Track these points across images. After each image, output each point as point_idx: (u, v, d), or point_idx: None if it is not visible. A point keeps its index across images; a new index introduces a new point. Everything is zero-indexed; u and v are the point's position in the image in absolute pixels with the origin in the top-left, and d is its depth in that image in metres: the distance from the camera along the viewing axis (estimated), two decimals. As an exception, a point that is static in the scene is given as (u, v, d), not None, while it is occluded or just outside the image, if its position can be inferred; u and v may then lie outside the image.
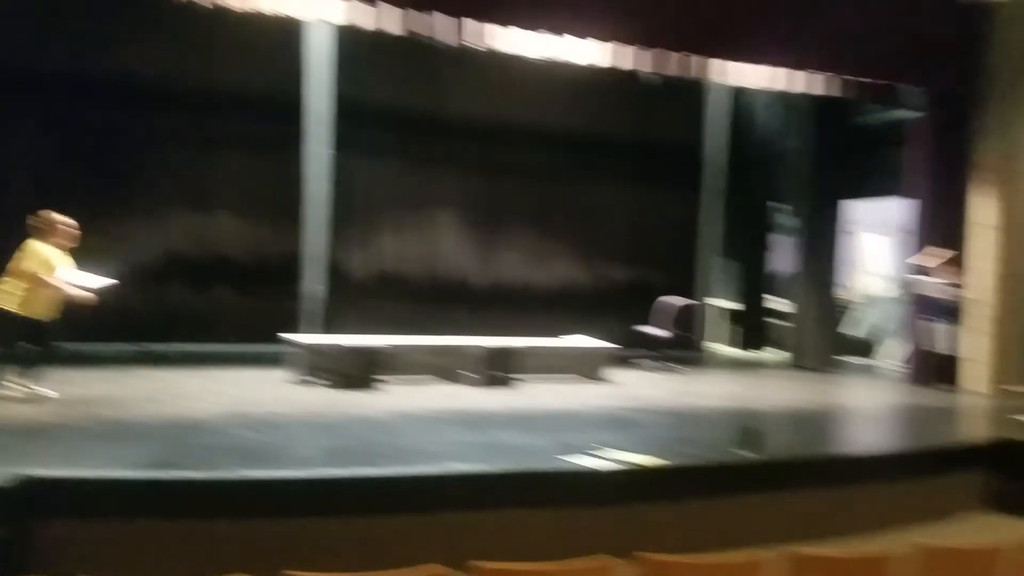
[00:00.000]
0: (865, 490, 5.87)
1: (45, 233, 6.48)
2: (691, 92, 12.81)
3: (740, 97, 13.09)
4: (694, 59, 9.37)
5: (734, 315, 13.74)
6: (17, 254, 6.47)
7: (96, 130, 9.85)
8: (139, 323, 10.04)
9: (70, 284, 6.47)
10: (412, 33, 8.22)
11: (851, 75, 10.02)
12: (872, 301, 13.85)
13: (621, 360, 10.52)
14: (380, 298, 11.23)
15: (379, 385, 7.96)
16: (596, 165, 12.65)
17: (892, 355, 12.30)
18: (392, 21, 8.06)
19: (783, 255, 13.14)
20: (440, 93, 11.48)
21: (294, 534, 4.44)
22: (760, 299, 13.42)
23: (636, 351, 11.11)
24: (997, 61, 10.30)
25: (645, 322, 10.76)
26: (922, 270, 10.07)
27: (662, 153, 12.98)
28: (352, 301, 11.00)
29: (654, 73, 9.73)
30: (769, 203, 13.85)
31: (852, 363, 12.83)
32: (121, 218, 10.00)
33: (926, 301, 9.94)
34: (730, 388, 9.58)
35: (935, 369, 10.34)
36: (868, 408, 8.89)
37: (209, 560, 4.14)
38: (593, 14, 8.49)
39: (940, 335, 9.88)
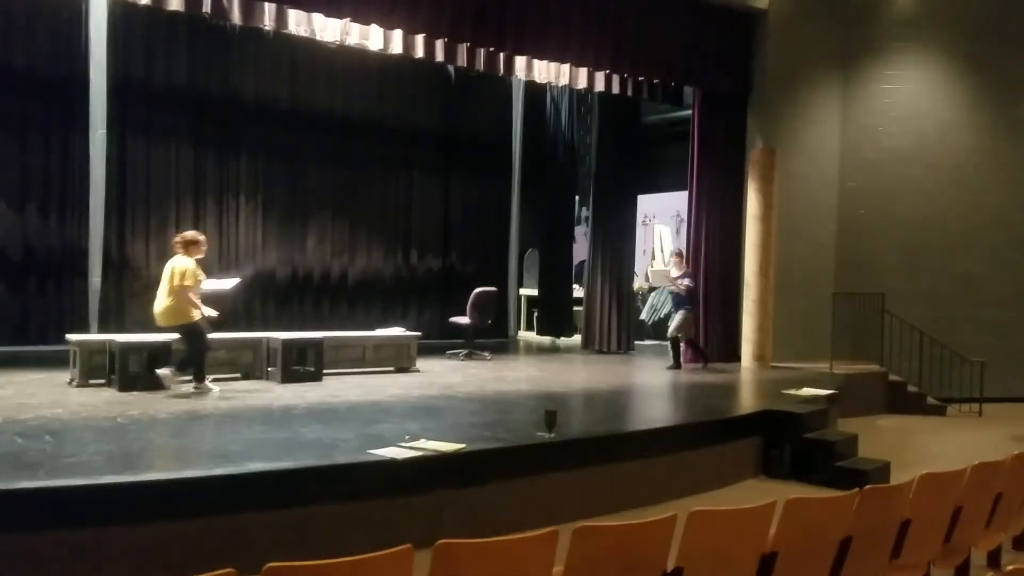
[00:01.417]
0: (650, 463, 6.29)
1: (189, 248, 7.34)
2: (499, 87, 13.13)
3: (545, 94, 13.54)
4: (490, 53, 9.58)
5: (541, 303, 14.24)
6: (170, 273, 7.22)
7: None
8: None
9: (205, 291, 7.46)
10: (194, 11, 7.84)
11: (632, 74, 10.64)
12: (660, 288, 14.82)
13: (432, 350, 10.60)
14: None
15: (170, 384, 7.52)
16: (407, 155, 12.66)
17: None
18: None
19: (584, 246, 13.74)
20: (234, 76, 11.02)
21: (74, 548, 4.14)
22: (564, 288, 13.98)
23: (447, 341, 11.23)
24: (763, 65, 11.30)
25: (460, 312, 10.91)
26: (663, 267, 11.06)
27: (474, 146, 13.20)
28: (139, 295, 10.34)
29: (459, 66, 9.88)
30: (575, 197, 14.45)
31: (645, 345, 13.67)
32: None
33: (675, 294, 10.64)
34: (532, 372, 9.90)
35: (712, 349, 11.25)
36: (652, 386, 9.49)
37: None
38: (384, 4, 8.44)
39: (675, 321, 10.50)
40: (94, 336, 8.67)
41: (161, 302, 7.31)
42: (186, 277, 7.17)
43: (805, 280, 11.52)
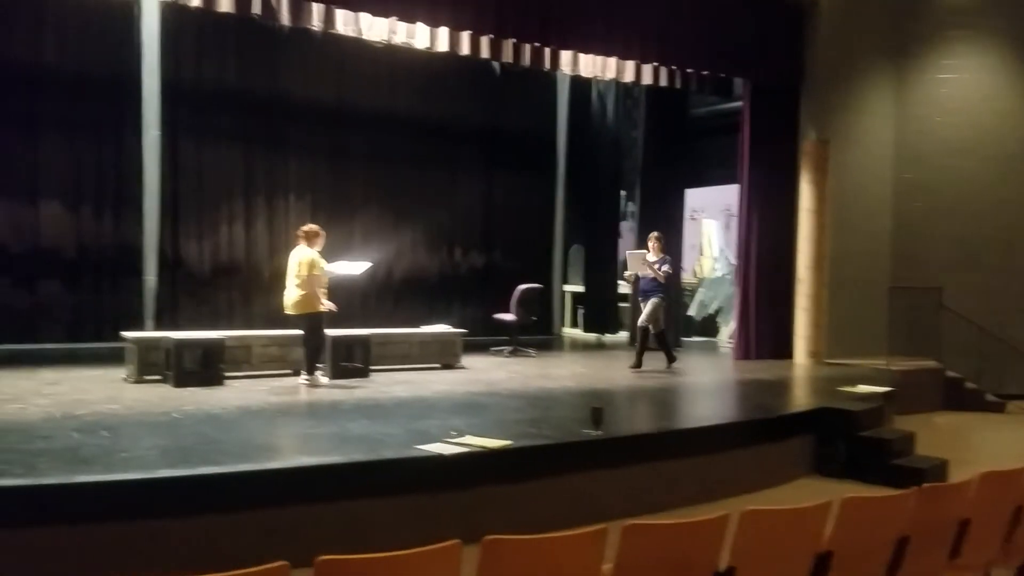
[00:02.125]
0: (700, 462, 6.20)
1: (311, 240, 7.69)
2: (543, 81, 13.10)
3: (591, 88, 13.47)
4: (535, 48, 9.55)
5: (586, 300, 14.17)
6: (297, 263, 7.60)
7: None
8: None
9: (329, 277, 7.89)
10: (244, 12, 7.95)
11: (680, 66, 10.50)
12: (709, 283, 14.64)
13: (476, 347, 10.62)
14: (226, 289, 10.82)
15: (221, 380, 7.66)
16: (452, 152, 12.69)
17: (727, 332, 13.07)
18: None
19: (630, 241, 13.64)
20: (283, 77, 11.15)
21: (129, 539, 4.23)
22: (609, 284, 13.90)
23: (491, 338, 11.25)
24: (815, 55, 11.08)
25: (504, 309, 10.92)
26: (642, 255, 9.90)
27: (517, 141, 13.19)
28: (193, 294, 10.55)
29: (503, 62, 9.87)
30: (621, 191, 14.35)
31: (695, 342, 13.52)
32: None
33: (644, 280, 9.77)
34: (577, 369, 9.85)
35: (762, 344, 11.08)
36: (700, 383, 9.37)
37: (31, 573, 3.89)
38: (430, 2, 8.46)
39: (645, 311, 9.64)
40: (149, 333, 8.86)
41: (291, 292, 7.69)
42: (313, 267, 7.56)
43: (859, 274, 11.26)
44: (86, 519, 4.19)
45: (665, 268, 9.68)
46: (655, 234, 10.02)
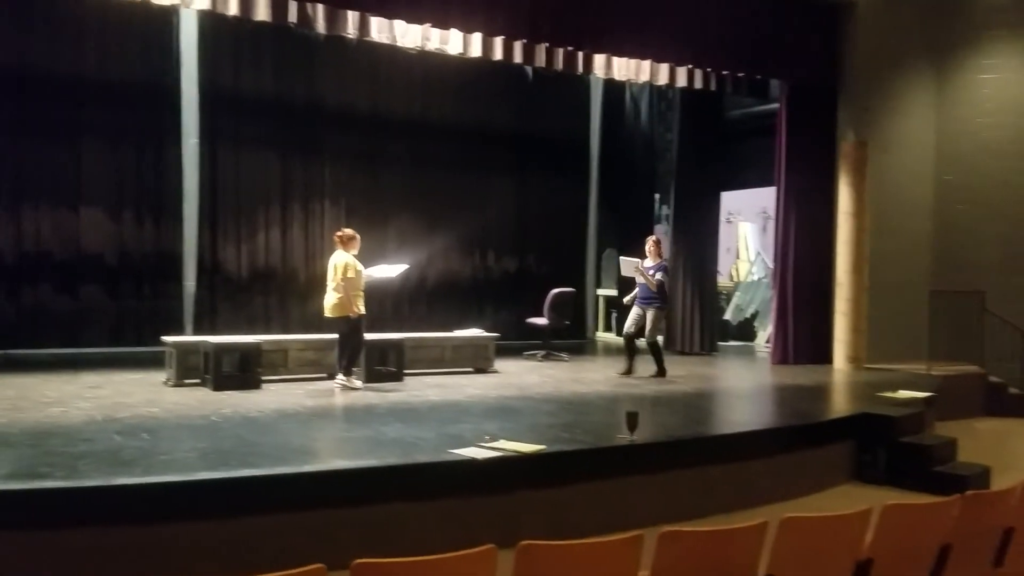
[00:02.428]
0: (737, 468, 6.13)
1: (347, 244, 7.85)
2: (577, 86, 13.10)
3: (624, 91, 13.43)
4: (570, 53, 9.52)
5: (619, 304, 14.08)
6: (333, 267, 7.74)
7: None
8: (1, 327, 9.49)
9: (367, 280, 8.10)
10: (280, 21, 8.04)
11: (715, 68, 10.42)
12: (745, 287, 14.50)
13: (509, 351, 10.63)
14: (262, 294, 10.95)
15: (259, 384, 7.75)
16: (484, 157, 12.73)
17: (764, 337, 12.93)
18: (261, 8, 7.85)
19: (664, 244, 13.54)
20: (318, 84, 11.26)
21: (168, 541, 4.28)
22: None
23: (524, 342, 11.25)
24: (853, 56, 10.93)
25: (536, 313, 10.92)
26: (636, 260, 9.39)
27: (550, 145, 13.19)
28: (230, 298, 10.70)
29: (536, 66, 9.87)
30: (655, 195, 14.27)
31: (731, 346, 13.39)
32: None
33: (642, 288, 9.25)
34: (610, 374, 9.79)
35: (800, 348, 10.94)
36: (738, 389, 9.27)
37: (72, 573, 3.96)
38: (466, 7, 8.49)
39: (648, 322, 9.13)
40: (189, 338, 8.99)
41: (330, 296, 7.83)
42: (348, 270, 7.71)
43: (900, 278, 11.07)
44: (127, 521, 4.26)
45: (660, 276, 9.15)
46: (654, 238, 9.57)
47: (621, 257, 9.67)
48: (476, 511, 4.99)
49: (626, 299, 9.72)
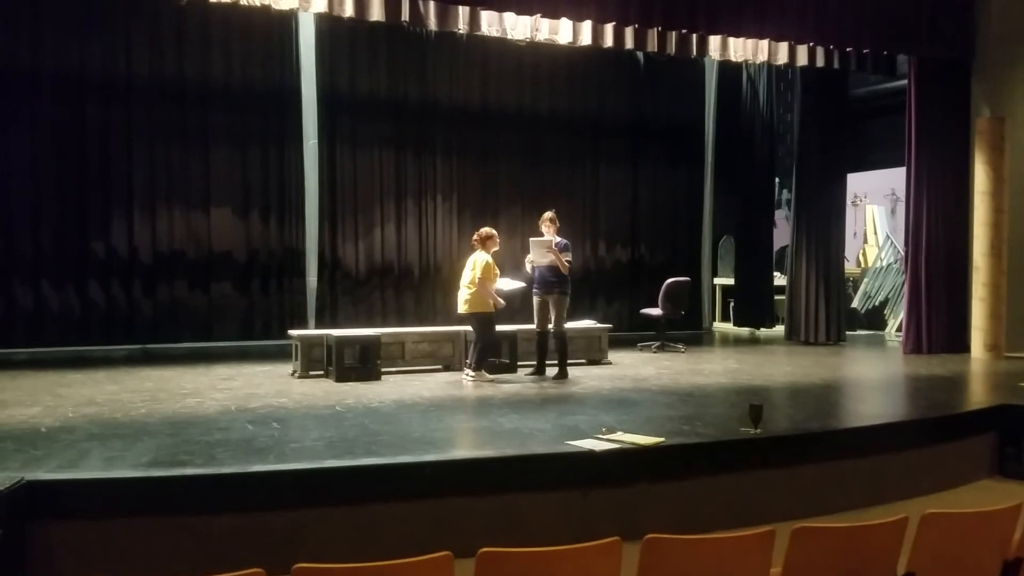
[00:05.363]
0: (869, 462, 5.86)
1: (486, 243, 8.05)
2: (690, 70, 12.80)
3: (741, 73, 13.04)
4: (683, 36, 9.32)
5: (737, 293, 13.73)
6: (472, 265, 7.95)
7: (85, 128, 9.84)
8: (140, 323, 10.09)
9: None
10: (393, 20, 8.19)
11: (838, 45, 9.96)
12: (874, 273, 13.87)
13: (622, 342, 10.51)
14: (379, 288, 11.22)
15: (379, 375, 7.96)
16: (595, 147, 12.62)
17: (895, 325, 12.31)
18: (375, 7, 8.02)
19: (787, 231, 13.12)
20: (430, 80, 11.42)
21: (300, 526, 4.44)
22: (765, 276, 13.40)
23: (638, 333, 11.10)
24: (987, 27, 10.24)
25: (650, 303, 10.75)
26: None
27: (663, 132, 12.96)
28: (350, 293, 11.01)
29: (648, 52, 9.71)
30: (775, 179, 13.80)
31: (859, 335, 12.82)
32: (116, 217, 10.01)
33: (542, 270, 8.27)
34: (730, 365, 9.55)
35: (934, 337, 10.37)
36: (868, 380, 8.86)
37: (212, 556, 4.15)
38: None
39: (554, 313, 8.19)
40: (312, 331, 9.32)
41: (464, 293, 8.02)
42: (485, 271, 7.91)
43: (1043, 261, 10.32)
44: (262, 506, 4.44)
45: (567, 256, 8.21)
46: (549, 214, 8.38)
47: (531, 239, 8.38)
48: (595, 503, 4.95)
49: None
